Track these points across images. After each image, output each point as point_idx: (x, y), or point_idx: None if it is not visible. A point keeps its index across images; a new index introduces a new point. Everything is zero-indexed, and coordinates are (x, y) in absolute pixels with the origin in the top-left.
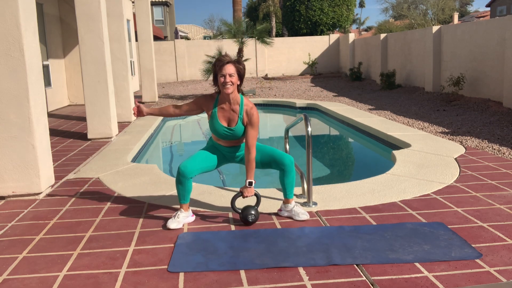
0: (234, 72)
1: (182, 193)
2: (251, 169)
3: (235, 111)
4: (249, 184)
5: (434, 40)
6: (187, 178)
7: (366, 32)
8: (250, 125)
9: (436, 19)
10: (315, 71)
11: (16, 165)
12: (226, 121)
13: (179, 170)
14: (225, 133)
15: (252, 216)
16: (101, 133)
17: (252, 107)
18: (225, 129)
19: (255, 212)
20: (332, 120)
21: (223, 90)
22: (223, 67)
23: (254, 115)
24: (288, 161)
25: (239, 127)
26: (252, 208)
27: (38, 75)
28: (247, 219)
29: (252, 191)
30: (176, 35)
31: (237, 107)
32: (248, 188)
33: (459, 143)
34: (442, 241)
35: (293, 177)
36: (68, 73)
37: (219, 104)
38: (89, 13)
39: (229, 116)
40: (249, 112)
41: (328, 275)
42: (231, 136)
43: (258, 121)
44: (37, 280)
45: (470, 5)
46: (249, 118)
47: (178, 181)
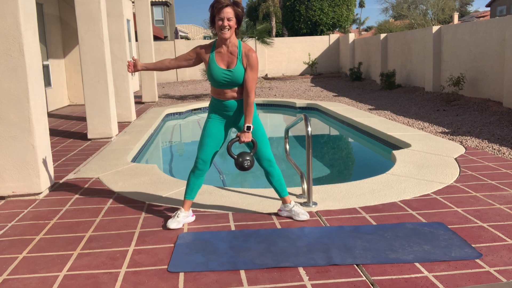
0: (232, 16)
1: (192, 187)
2: (249, 114)
3: (233, 53)
4: (247, 128)
5: (434, 40)
6: (205, 171)
7: (366, 32)
8: (249, 66)
9: (436, 19)
10: (315, 71)
11: (16, 165)
12: (225, 64)
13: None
14: (224, 77)
15: (247, 162)
16: (101, 133)
17: (250, 49)
18: (224, 71)
19: (251, 158)
20: (332, 120)
21: (221, 34)
22: (221, 10)
23: (253, 56)
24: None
25: (238, 68)
26: (248, 154)
27: (38, 75)
28: (243, 164)
29: (249, 136)
30: (176, 35)
31: (235, 49)
32: (246, 133)
33: (459, 143)
34: (442, 241)
35: (278, 175)
36: (68, 73)
37: (216, 48)
38: (89, 13)
39: (227, 59)
40: (247, 54)
41: (328, 275)
42: (230, 82)
43: (257, 63)
44: (37, 280)
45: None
46: (248, 59)
47: (194, 174)
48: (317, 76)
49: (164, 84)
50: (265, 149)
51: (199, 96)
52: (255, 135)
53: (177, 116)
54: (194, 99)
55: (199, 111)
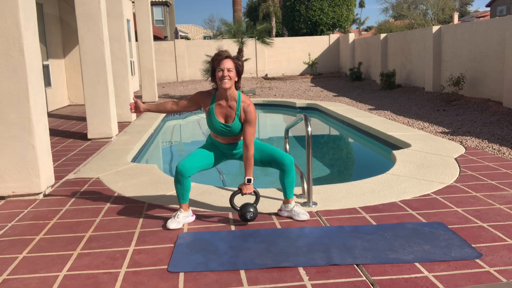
0: (232, 67)
1: (181, 192)
2: (249, 166)
3: (232, 107)
4: (248, 181)
5: (434, 40)
6: (185, 177)
7: (366, 32)
8: (247, 122)
9: (436, 19)
10: (315, 71)
11: (16, 165)
12: (223, 117)
13: (177, 169)
14: (222, 130)
15: (250, 214)
16: (101, 133)
17: (249, 104)
18: (222, 125)
19: (254, 210)
20: (332, 120)
21: (221, 85)
22: (221, 61)
23: (251, 112)
24: (288, 161)
25: (236, 123)
26: (250, 206)
27: (38, 75)
28: (245, 216)
29: (251, 188)
30: (176, 35)
31: (234, 103)
32: (247, 185)
33: (459, 143)
34: (442, 241)
35: (293, 177)
36: (68, 73)
37: (217, 100)
38: (89, 13)
39: (226, 112)
40: (246, 109)
41: (328, 275)
42: (228, 133)
43: (255, 118)
44: (37, 280)
45: (470, 5)
46: (246, 115)
47: (177, 181)
48: (317, 76)
49: (164, 84)
50: (282, 156)
51: None
52: (264, 153)
53: (177, 116)
54: None
55: (199, 111)
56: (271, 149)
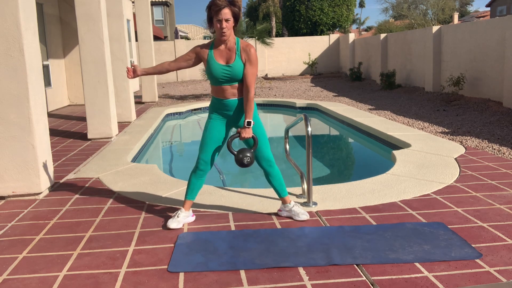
0: (230, 16)
1: (192, 187)
2: (250, 109)
3: (231, 49)
4: (248, 124)
5: (434, 40)
6: (207, 171)
7: (366, 32)
8: (248, 61)
9: (436, 19)
10: (315, 71)
11: (16, 165)
12: (224, 60)
13: (199, 165)
14: (224, 73)
15: (247, 158)
16: (101, 133)
17: (248, 44)
18: (223, 67)
19: (251, 155)
20: (332, 120)
21: (220, 37)
22: (219, 12)
23: (252, 51)
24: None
25: (237, 63)
26: (248, 151)
27: (38, 75)
28: (242, 161)
29: (250, 132)
30: (176, 35)
31: (234, 45)
32: (247, 128)
33: (459, 143)
34: (442, 241)
35: (277, 174)
36: (68, 73)
37: (215, 46)
38: (89, 13)
39: (226, 55)
40: (246, 49)
41: (328, 275)
42: (230, 77)
43: (256, 58)
44: (37, 280)
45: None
46: (247, 54)
47: (195, 175)
48: (317, 76)
49: (164, 84)
50: (264, 149)
51: (199, 96)
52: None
53: (177, 116)
54: (194, 99)
55: (199, 111)
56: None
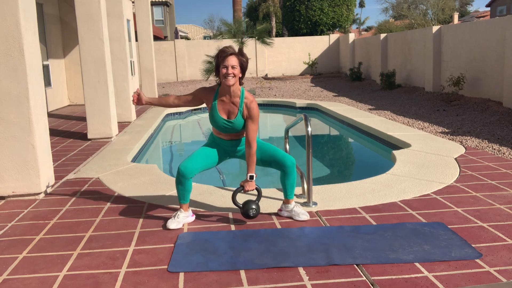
0: (236, 64)
1: (182, 193)
2: (252, 163)
3: (235, 103)
4: (250, 178)
5: (434, 40)
6: (187, 178)
7: (366, 32)
8: (250, 118)
9: (436, 19)
10: (315, 71)
11: (16, 165)
12: (226, 113)
13: (179, 170)
14: (224, 126)
15: (253, 211)
16: (101, 133)
17: (252, 100)
18: (224, 121)
19: (256, 207)
20: (332, 120)
21: (225, 82)
22: (226, 58)
23: (254, 109)
24: (290, 162)
25: (238, 120)
26: (253, 203)
27: (38, 75)
28: (248, 213)
29: (253, 185)
30: (176, 35)
31: (238, 99)
32: (249, 182)
33: (459, 143)
34: (442, 241)
35: (294, 178)
36: (68, 73)
37: (220, 96)
38: (89, 13)
39: (229, 108)
40: (249, 106)
41: (328, 275)
42: (230, 129)
43: (258, 114)
44: (37, 280)
45: (470, 5)
46: (249, 111)
47: (178, 181)
48: (317, 76)
49: (164, 84)
50: (281, 158)
51: None
52: (265, 153)
53: (177, 116)
54: None
55: (199, 111)
56: (273, 149)
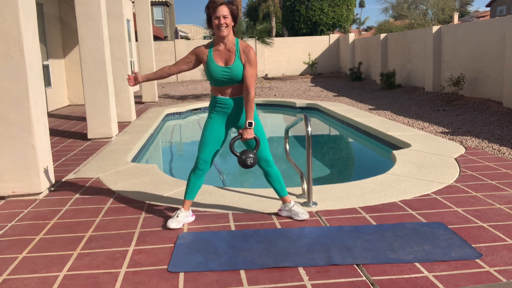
0: (228, 13)
1: (192, 187)
2: (250, 110)
3: (231, 50)
4: (249, 125)
5: (434, 40)
6: (205, 171)
7: (366, 32)
8: (248, 63)
9: (436, 19)
10: (315, 71)
11: (16, 165)
12: (223, 61)
13: (199, 164)
14: (223, 75)
15: (250, 160)
16: (101, 133)
17: (247, 45)
18: (222, 69)
19: (254, 156)
20: (332, 120)
21: (218, 33)
22: (216, 9)
23: (251, 52)
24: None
25: (237, 64)
26: (250, 152)
27: (38, 75)
28: (246, 162)
29: (251, 133)
30: (176, 35)
31: (233, 46)
32: (248, 129)
33: (459, 143)
34: (442, 241)
35: (277, 174)
36: (68, 73)
37: (214, 47)
38: (89, 13)
39: (226, 56)
40: (245, 50)
41: (328, 275)
42: (230, 79)
43: (255, 59)
44: (37, 280)
45: (470, 5)
46: (247, 55)
47: (195, 175)
48: (317, 76)
49: (164, 84)
50: (263, 149)
51: (199, 96)
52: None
53: (177, 116)
54: (194, 99)
55: (199, 111)
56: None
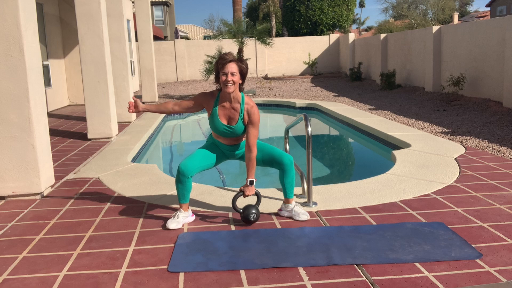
0: (236, 71)
1: (182, 192)
2: (252, 168)
3: (235, 109)
4: (250, 182)
5: (434, 40)
6: (187, 177)
7: (366, 32)
8: (251, 124)
9: (436, 19)
10: (315, 71)
11: (16, 165)
12: (227, 119)
13: (179, 169)
14: (225, 131)
15: (253, 215)
16: (101, 133)
17: (253, 106)
18: (225, 127)
19: (256, 211)
20: (332, 120)
21: (225, 89)
22: (225, 65)
23: (255, 114)
24: (287, 160)
25: (239, 125)
26: (253, 207)
27: (38, 75)
28: (248, 218)
29: (253, 190)
30: (176, 35)
31: (238, 105)
32: (249, 186)
33: (459, 143)
34: (442, 241)
35: (293, 177)
36: (68, 73)
37: (220, 102)
38: (89, 13)
39: (230, 114)
40: (250, 111)
41: (328, 275)
42: (231, 134)
43: (259, 120)
44: (37, 280)
45: (470, 5)
46: (250, 117)
47: (178, 180)
48: (317, 76)
49: (164, 84)
50: (281, 155)
51: None
52: (265, 153)
53: (177, 116)
54: None
55: (199, 111)
56: (271, 149)
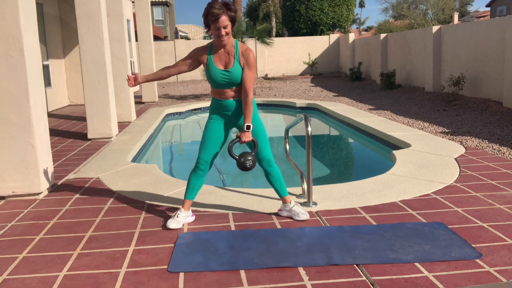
0: (228, 22)
1: (193, 187)
2: (248, 112)
3: (230, 53)
4: (247, 128)
5: (434, 40)
6: (207, 171)
7: (366, 32)
8: (246, 65)
9: (436, 19)
10: (315, 71)
11: (16, 165)
12: (223, 64)
13: (199, 164)
14: (223, 78)
15: (249, 162)
16: (101, 133)
17: (247, 48)
18: (222, 72)
19: (252, 158)
20: (332, 120)
21: (219, 42)
22: (216, 21)
23: (250, 55)
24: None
25: (236, 67)
26: (249, 154)
27: (38, 75)
28: (245, 165)
29: (249, 136)
30: (176, 35)
31: (232, 49)
32: (246, 132)
33: (459, 143)
34: (442, 241)
35: (278, 174)
36: (68, 73)
37: (214, 50)
38: (89, 13)
39: (225, 59)
40: (245, 53)
41: (328, 275)
42: (229, 82)
43: (254, 62)
44: (37, 280)
45: (470, 5)
46: (246, 58)
47: (196, 175)
48: (317, 76)
49: (164, 84)
50: (264, 149)
51: (199, 96)
52: (255, 134)
53: (177, 116)
54: (194, 99)
55: (199, 111)
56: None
